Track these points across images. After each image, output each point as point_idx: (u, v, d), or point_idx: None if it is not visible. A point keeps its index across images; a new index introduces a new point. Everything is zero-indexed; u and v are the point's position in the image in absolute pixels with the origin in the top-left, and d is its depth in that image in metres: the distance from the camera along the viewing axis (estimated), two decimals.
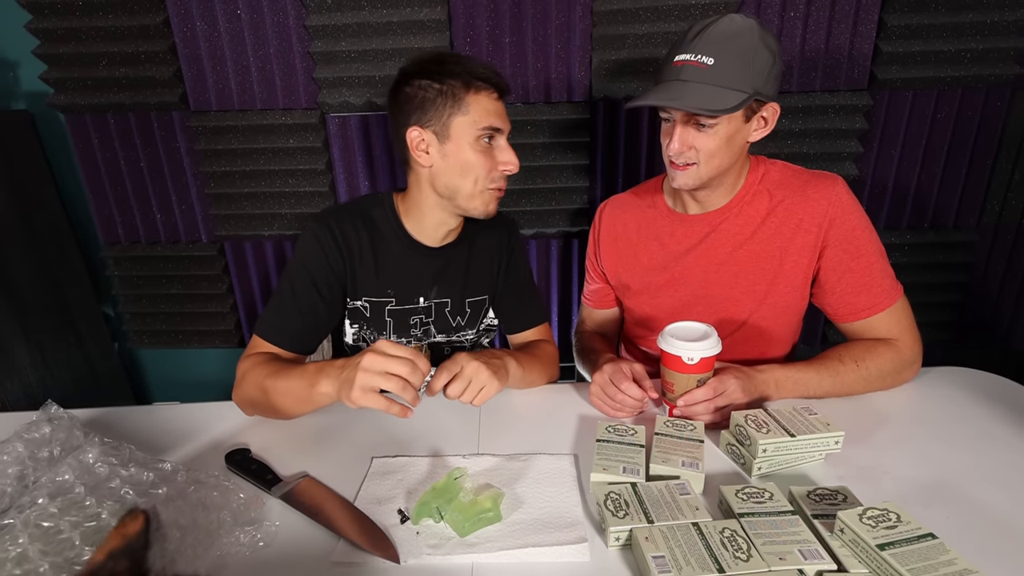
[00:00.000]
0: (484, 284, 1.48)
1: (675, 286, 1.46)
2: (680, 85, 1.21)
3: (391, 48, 2.12)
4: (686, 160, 1.28)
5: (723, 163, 1.29)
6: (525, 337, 1.55)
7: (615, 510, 0.88)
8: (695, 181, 1.31)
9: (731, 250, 1.40)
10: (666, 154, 1.32)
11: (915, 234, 2.29)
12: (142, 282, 2.47)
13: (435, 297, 1.42)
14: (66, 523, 0.80)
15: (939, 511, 0.91)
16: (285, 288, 1.32)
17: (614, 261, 1.56)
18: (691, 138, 1.26)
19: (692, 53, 1.21)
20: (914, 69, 2.09)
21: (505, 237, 1.51)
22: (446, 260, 1.42)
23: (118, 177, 2.33)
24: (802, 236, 1.34)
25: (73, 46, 2.16)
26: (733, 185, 1.39)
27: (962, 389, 1.28)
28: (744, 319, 1.42)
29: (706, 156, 1.27)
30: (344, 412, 1.25)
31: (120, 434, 1.14)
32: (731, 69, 1.19)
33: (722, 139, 1.25)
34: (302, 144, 2.26)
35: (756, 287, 1.39)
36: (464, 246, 1.45)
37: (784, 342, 1.48)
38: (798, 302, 1.41)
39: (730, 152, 1.28)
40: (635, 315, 1.58)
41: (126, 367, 2.73)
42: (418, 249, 1.39)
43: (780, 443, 1.00)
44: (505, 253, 1.51)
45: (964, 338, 2.41)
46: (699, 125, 1.25)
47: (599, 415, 1.24)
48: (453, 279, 1.44)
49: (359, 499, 0.99)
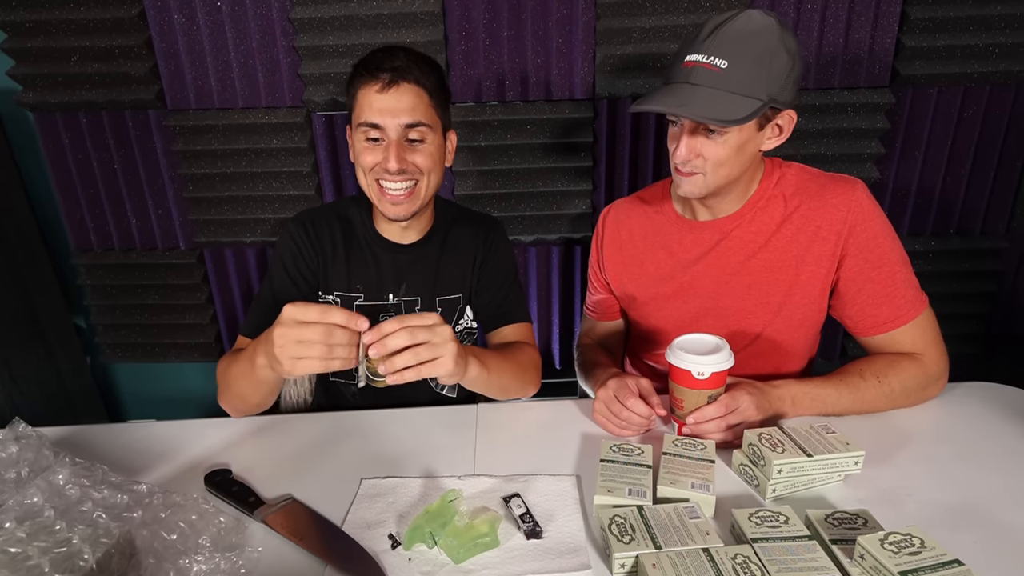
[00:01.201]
0: (456, 283, 1.52)
1: (684, 297, 1.47)
2: (690, 89, 1.19)
3: (381, 42, 2.07)
4: (692, 168, 1.28)
5: (732, 173, 1.29)
6: (503, 336, 1.55)
7: (620, 535, 0.88)
8: (701, 190, 1.31)
9: (743, 259, 1.40)
10: (672, 160, 1.32)
11: (940, 241, 2.29)
12: (116, 292, 2.46)
13: (404, 295, 1.48)
14: (35, 549, 0.80)
15: (966, 536, 0.91)
16: (265, 285, 1.45)
17: (619, 270, 1.57)
18: (699, 146, 1.25)
19: (704, 54, 1.19)
20: (939, 65, 2.10)
21: (483, 236, 1.54)
22: (414, 257, 1.49)
23: (90, 180, 2.33)
24: (820, 244, 1.33)
25: (43, 40, 2.16)
26: (745, 190, 1.39)
27: (991, 405, 1.28)
28: (758, 332, 1.42)
29: (713, 165, 1.26)
30: (331, 430, 1.26)
31: (92, 454, 1.14)
32: (746, 73, 1.17)
33: (732, 148, 1.25)
34: (286, 145, 2.26)
35: (770, 298, 1.39)
36: (435, 244, 1.51)
37: (800, 356, 1.48)
38: (815, 314, 1.41)
39: (740, 162, 1.28)
40: (641, 328, 1.58)
41: (99, 382, 2.72)
42: (385, 246, 1.48)
43: (796, 463, 1.00)
44: (481, 251, 1.54)
45: (992, 351, 2.42)
46: (708, 132, 1.23)
47: (603, 434, 1.24)
48: (421, 276, 1.49)
49: (347, 523, 0.99)
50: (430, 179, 1.36)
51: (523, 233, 2.35)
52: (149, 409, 2.80)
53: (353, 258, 1.46)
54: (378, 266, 1.47)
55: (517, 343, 1.51)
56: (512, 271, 1.58)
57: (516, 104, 2.21)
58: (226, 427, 1.29)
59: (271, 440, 1.24)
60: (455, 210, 1.58)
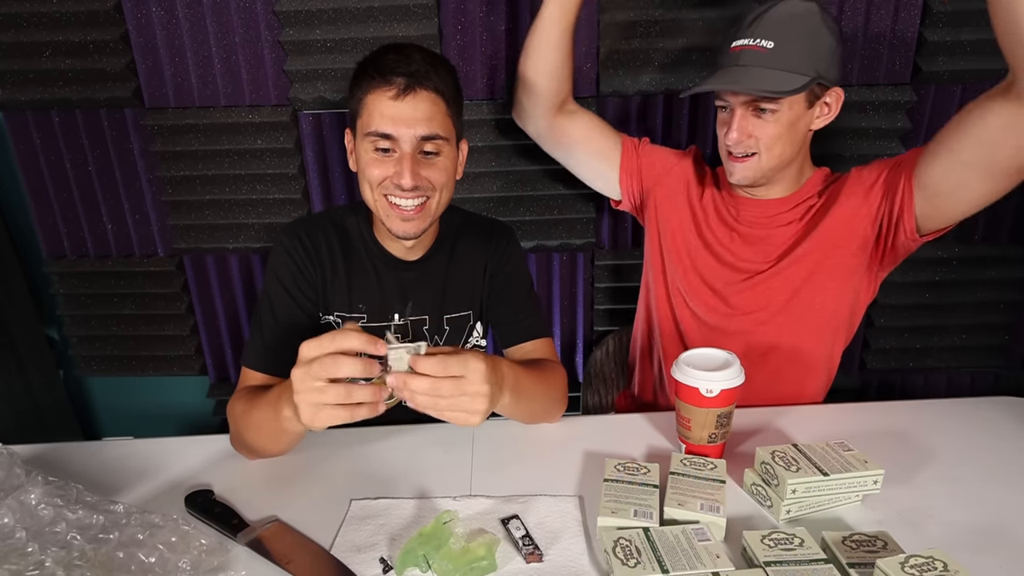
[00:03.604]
0: (465, 299, 1.49)
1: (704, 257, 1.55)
2: (740, 70, 1.27)
3: (372, 37, 2.12)
4: (746, 150, 1.34)
5: (785, 152, 1.34)
6: (526, 352, 1.50)
7: (625, 558, 0.89)
8: (755, 173, 1.36)
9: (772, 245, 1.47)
10: (723, 145, 1.38)
11: (964, 248, 2.29)
12: (91, 301, 2.46)
13: (411, 314, 1.43)
14: (5, 572, 0.80)
15: (991, 559, 0.92)
16: (263, 308, 1.35)
17: (660, 185, 1.66)
18: (751, 126, 1.32)
19: (750, 37, 1.27)
20: (963, 60, 2.10)
21: (493, 245, 1.51)
22: (420, 273, 1.44)
23: (63, 182, 2.33)
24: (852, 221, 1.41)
25: (12, 35, 2.16)
26: (795, 181, 1.45)
27: (1017, 421, 1.29)
28: (769, 334, 1.46)
29: (767, 144, 1.32)
30: (319, 447, 1.26)
31: (66, 472, 1.15)
32: (792, 51, 1.25)
33: (784, 126, 1.31)
34: (271, 145, 2.26)
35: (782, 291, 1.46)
36: (442, 256, 1.47)
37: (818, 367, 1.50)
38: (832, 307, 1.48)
39: (792, 140, 1.34)
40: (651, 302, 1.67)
41: (72, 397, 2.71)
42: (389, 262, 1.42)
43: (811, 483, 1.01)
44: (493, 261, 1.51)
45: (1018, 364, 2.42)
46: (759, 112, 1.30)
47: (608, 452, 1.24)
48: (429, 293, 1.45)
49: (336, 546, 1.00)
50: (442, 195, 1.32)
51: (522, 239, 2.34)
52: (126, 426, 2.78)
53: (354, 274, 1.41)
54: (381, 283, 1.42)
55: (544, 361, 1.45)
56: (529, 281, 1.57)
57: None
58: (208, 445, 1.30)
59: (255, 460, 1.24)
60: (461, 216, 1.53)
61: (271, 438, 1.17)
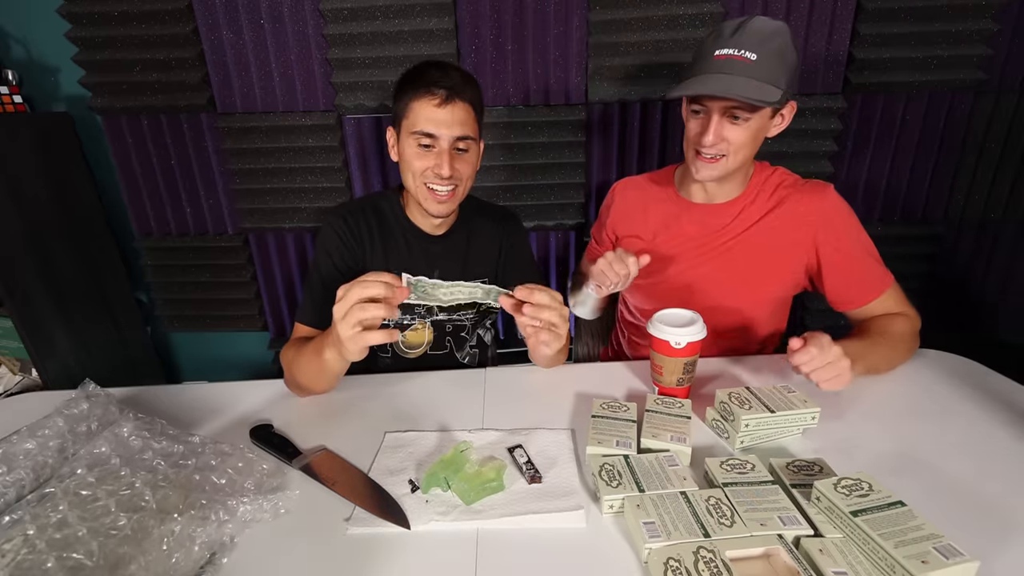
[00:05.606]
0: (482, 269, 1.49)
1: (672, 264, 1.46)
2: (727, 78, 1.18)
3: (403, 55, 2.10)
4: (718, 152, 1.27)
5: (747, 156, 1.29)
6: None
7: (609, 480, 0.88)
8: (721, 172, 1.30)
9: (730, 240, 1.40)
10: (692, 145, 1.31)
11: (886, 227, 2.28)
12: (173, 271, 2.47)
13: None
14: (103, 491, 0.80)
15: (908, 480, 0.90)
16: (313, 276, 1.37)
17: (624, 234, 1.56)
18: (725, 130, 1.25)
19: (735, 48, 1.18)
20: (885, 74, 2.09)
21: (502, 226, 1.52)
22: (444, 246, 1.45)
23: (151, 174, 2.33)
24: (796, 233, 1.35)
25: (109, 53, 2.15)
26: (742, 181, 1.40)
27: (930, 369, 1.27)
28: (732, 307, 1.42)
29: (736, 148, 1.26)
30: (359, 388, 1.25)
31: (152, 411, 1.13)
32: (771, 65, 1.17)
33: (752, 133, 1.25)
34: (320, 143, 2.25)
35: (747, 277, 1.39)
36: (461, 234, 1.47)
37: (764, 328, 1.47)
38: (783, 292, 1.43)
39: (754, 146, 1.29)
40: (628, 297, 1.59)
41: (158, 349, 2.73)
42: (418, 235, 1.43)
43: (761, 419, 0.99)
44: (506, 240, 1.51)
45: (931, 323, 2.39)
46: (733, 119, 1.23)
47: (595, 393, 1.23)
48: (452, 262, 1.45)
49: (373, 470, 0.98)
50: (467, 183, 1.35)
51: (525, 220, 2.31)
52: (201, 372, 2.81)
53: (388, 247, 1.42)
54: (411, 254, 1.43)
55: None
56: (533, 257, 1.58)
57: (519, 108, 2.18)
58: (268, 388, 1.28)
59: (307, 399, 1.23)
60: (475, 203, 1.54)
61: (316, 376, 1.18)
